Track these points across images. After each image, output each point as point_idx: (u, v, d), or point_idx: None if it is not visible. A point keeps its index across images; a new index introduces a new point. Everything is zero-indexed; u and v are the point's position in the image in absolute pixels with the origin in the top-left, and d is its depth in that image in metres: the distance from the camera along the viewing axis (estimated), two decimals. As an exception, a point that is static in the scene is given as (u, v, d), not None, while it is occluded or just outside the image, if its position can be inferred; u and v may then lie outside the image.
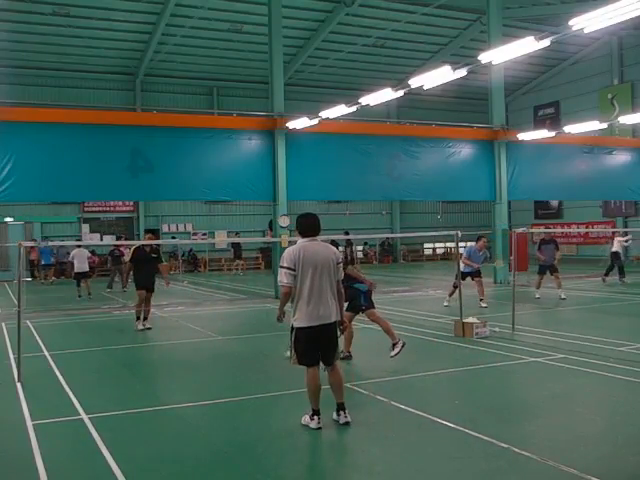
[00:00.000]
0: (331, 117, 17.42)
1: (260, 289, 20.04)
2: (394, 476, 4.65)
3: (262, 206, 29.76)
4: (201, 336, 11.35)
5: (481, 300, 14.08)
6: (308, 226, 5.69)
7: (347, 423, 5.68)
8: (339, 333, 5.77)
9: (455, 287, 12.91)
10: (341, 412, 5.73)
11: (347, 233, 23.05)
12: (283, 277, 5.55)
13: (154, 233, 12.76)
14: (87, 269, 18.82)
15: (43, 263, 24.90)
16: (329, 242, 6.84)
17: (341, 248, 23.89)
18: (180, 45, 27.05)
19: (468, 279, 14.04)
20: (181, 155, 16.44)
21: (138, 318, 12.10)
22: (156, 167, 16.07)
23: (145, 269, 12.01)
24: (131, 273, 13.07)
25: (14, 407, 6.61)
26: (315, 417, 5.62)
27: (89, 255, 19.46)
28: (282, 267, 5.58)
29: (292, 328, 5.66)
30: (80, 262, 18.40)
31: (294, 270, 5.51)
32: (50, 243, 14.43)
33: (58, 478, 4.69)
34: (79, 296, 18.33)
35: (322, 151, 17.99)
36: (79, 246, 19.45)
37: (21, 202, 23.85)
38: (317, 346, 5.61)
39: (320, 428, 5.57)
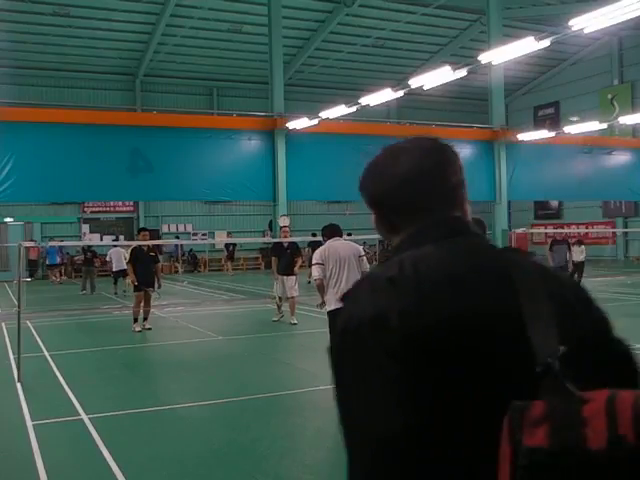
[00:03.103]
0: (331, 117, 17.46)
1: (260, 289, 20.02)
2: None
3: (262, 206, 29.70)
4: (201, 336, 11.34)
5: None
6: (331, 231, 6.94)
7: None
8: None
9: None
10: None
11: (314, 235, 22.10)
12: (314, 271, 6.56)
13: (150, 231, 12.68)
14: (124, 267, 19.03)
15: (48, 263, 24.98)
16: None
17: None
18: (180, 45, 27.02)
19: None
20: (181, 155, 16.44)
21: (136, 320, 11.93)
22: (156, 167, 16.07)
23: (144, 269, 11.97)
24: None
25: (14, 407, 6.60)
26: None
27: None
28: (314, 264, 6.58)
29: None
30: (118, 260, 18.50)
31: (323, 264, 6.49)
32: (50, 243, 14.44)
33: (58, 478, 4.69)
34: (115, 293, 18.99)
35: (322, 151, 17.97)
36: (115, 245, 19.70)
37: (21, 202, 23.82)
38: None
39: None
